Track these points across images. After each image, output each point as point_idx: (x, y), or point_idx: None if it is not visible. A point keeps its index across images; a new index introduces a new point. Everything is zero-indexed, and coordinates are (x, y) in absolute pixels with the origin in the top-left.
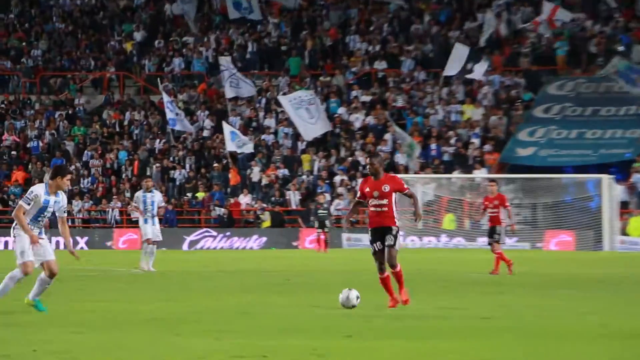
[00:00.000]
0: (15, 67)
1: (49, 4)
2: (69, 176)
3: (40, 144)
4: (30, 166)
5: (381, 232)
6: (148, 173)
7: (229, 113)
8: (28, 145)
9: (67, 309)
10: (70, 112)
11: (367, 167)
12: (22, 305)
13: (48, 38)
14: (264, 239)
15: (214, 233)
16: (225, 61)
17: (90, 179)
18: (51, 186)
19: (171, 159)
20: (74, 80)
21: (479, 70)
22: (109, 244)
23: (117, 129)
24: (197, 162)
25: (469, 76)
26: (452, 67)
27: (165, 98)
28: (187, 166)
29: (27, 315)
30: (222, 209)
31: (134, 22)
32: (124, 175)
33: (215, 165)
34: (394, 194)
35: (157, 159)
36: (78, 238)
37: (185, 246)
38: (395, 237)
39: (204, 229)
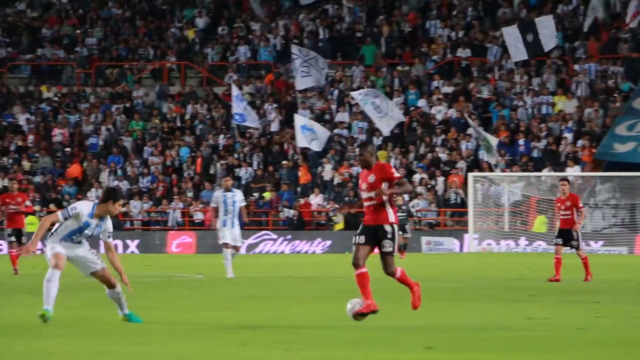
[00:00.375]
0: (69, 56)
1: None
2: (121, 201)
3: (100, 141)
4: (85, 164)
5: (372, 230)
6: (211, 171)
7: (298, 106)
8: (87, 142)
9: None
10: (127, 105)
11: (358, 159)
12: (73, 317)
13: (104, 25)
14: (329, 242)
15: (274, 236)
16: (296, 49)
17: (149, 177)
18: (99, 208)
19: (236, 156)
20: (131, 71)
21: (546, 39)
22: (165, 247)
23: (178, 124)
24: (264, 159)
25: (547, 50)
26: (517, 53)
27: (235, 91)
28: (255, 164)
29: (82, 326)
30: (292, 210)
31: (196, 7)
32: (185, 174)
33: (284, 162)
34: (383, 185)
35: (221, 156)
36: (129, 241)
37: (242, 250)
38: (392, 240)
39: (264, 232)
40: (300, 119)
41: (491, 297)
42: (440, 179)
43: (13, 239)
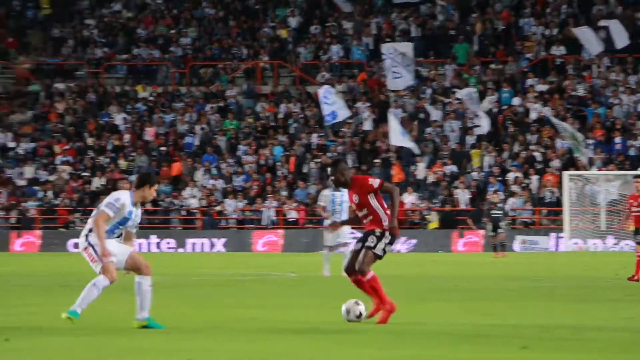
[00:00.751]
0: (164, 56)
1: None
2: (157, 186)
3: (195, 140)
4: (181, 162)
5: (366, 234)
6: (305, 170)
7: (390, 104)
8: (182, 141)
9: (221, 315)
10: (221, 104)
11: (332, 180)
12: (170, 314)
13: (198, 25)
14: (414, 241)
15: (359, 234)
16: (386, 48)
17: (244, 176)
18: (136, 196)
19: (329, 154)
20: (225, 70)
21: (617, 38)
22: (251, 246)
23: (272, 123)
24: (357, 158)
25: (618, 48)
26: (592, 47)
27: (321, 92)
28: (348, 162)
29: (180, 324)
30: None
31: (289, 6)
32: (279, 173)
33: (376, 161)
34: (371, 197)
35: (315, 155)
36: (215, 240)
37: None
38: (379, 238)
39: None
40: (394, 119)
41: (587, 296)
42: (535, 178)
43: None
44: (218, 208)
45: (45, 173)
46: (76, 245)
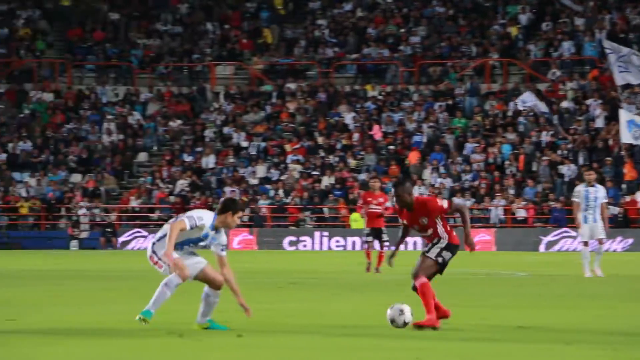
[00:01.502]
0: (393, 55)
1: None
2: (240, 213)
3: (424, 139)
4: (406, 162)
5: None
6: (534, 168)
7: (621, 101)
8: (411, 140)
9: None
10: (450, 102)
11: (395, 199)
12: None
13: (427, 23)
14: (630, 240)
15: (573, 234)
16: (608, 44)
17: (471, 175)
18: (218, 220)
19: (559, 152)
20: (454, 69)
21: None
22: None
23: (500, 121)
24: (589, 156)
25: None
26: None
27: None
28: (580, 160)
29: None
30: (617, 208)
31: (520, 3)
32: (507, 171)
33: (607, 159)
34: (438, 219)
35: (544, 152)
36: (418, 239)
37: (542, 247)
38: (441, 249)
39: (563, 229)
40: (626, 114)
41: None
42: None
43: (370, 238)
44: None
45: (277, 172)
46: (291, 243)
